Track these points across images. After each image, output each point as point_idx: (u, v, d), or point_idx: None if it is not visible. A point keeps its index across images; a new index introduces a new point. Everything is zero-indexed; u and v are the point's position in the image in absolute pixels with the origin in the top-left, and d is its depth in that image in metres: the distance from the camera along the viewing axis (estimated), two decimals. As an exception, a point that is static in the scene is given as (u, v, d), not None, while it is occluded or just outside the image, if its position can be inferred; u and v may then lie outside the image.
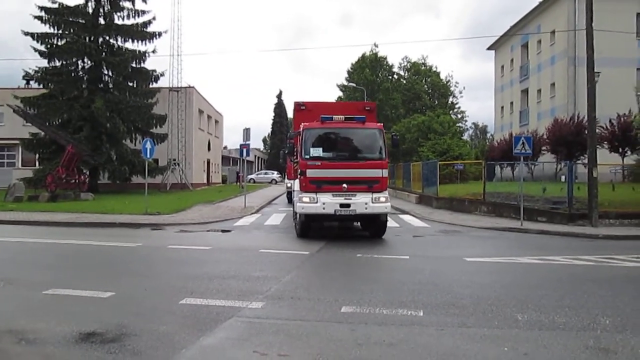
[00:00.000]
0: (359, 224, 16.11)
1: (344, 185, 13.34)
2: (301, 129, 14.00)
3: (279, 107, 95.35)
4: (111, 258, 11.37)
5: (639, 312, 6.78)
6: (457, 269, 10.10)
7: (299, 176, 14.04)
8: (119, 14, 35.25)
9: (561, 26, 34.45)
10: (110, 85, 35.72)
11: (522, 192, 17.92)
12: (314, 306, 6.95)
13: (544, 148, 32.10)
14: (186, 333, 5.71)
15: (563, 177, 21.88)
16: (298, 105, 16.33)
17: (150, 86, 36.84)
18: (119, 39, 35.46)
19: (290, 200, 27.92)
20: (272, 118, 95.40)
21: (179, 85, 42.36)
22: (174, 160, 41.29)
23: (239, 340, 5.61)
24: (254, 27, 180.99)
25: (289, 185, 27.39)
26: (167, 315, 6.46)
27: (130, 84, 36.05)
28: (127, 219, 18.42)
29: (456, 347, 5.38)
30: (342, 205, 13.34)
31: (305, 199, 13.45)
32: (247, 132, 26.61)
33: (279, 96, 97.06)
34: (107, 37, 35.19)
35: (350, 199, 13.37)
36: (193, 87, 44.91)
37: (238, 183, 46.52)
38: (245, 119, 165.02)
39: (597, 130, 20.92)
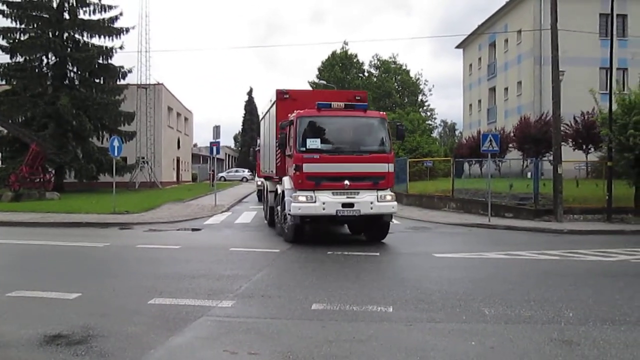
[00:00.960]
0: (346, 226, 14.88)
1: (346, 182, 11.89)
2: (294, 118, 12.26)
3: (250, 104, 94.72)
4: (78, 258, 11.13)
5: (601, 305, 6.97)
6: (426, 265, 10.23)
7: (293, 172, 12.16)
8: (84, 9, 34.53)
9: (527, 26, 35.12)
10: (76, 82, 35.02)
11: (489, 188, 18.23)
12: (285, 304, 6.95)
13: (511, 145, 32.72)
14: (155, 333, 5.65)
15: (529, 174, 22.36)
16: (281, 94, 14.17)
17: (118, 83, 36.21)
18: (85, 34, 34.83)
19: (260, 198, 27.09)
20: (243, 115, 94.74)
21: (148, 82, 41.79)
22: (143, 158, 40.71)
23: (208, 340, 5.57)
24: (224, 24, 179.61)
25: (259, 183, 26.71)
26: (135, 315, 6.37)
27: (97, 81, 35.39)
28: (95, 218, 18.08)
29: (425, 342, 5.46)
30: (344, 205, 11.83)
31: (302, 198, 11.79)
32: (217, 130, 26.42)
33: (250, 93, 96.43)
34: (72, 33, 34.48)
35: (354, 198, 11.91)
36: (162, 84, 44.35)
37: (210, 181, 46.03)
38: (216, 116, 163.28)
39: (562, 128, 21.41)
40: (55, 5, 33.81)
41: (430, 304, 6.90)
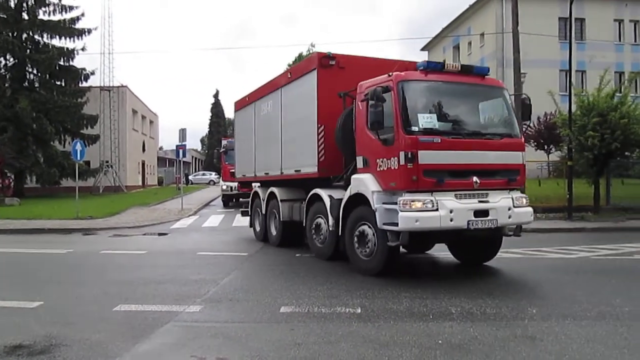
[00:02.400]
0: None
1: (475, 178, 8.26)
2: (390, 83, 8.29)
3: (216, 107, 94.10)
4: (39, 266, 10.81)
5: (563, 301, 7.15)
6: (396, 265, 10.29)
7: (398, 163, 8.06)
8: (44, 9, 33.80)
9: (490, 29, 35.90)
10: (36, 84, 34.15)
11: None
12: (253, 307, 6.91)
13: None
14: (120, 341, 5.54)
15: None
16: (325, 59, 10.10)
17: (80, 85, 35.49)
18: (45, 35, 34.05)
19: (226, 204, 26.29)
20: (210, 118, 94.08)
21: (111, 85, 41.01)
22: (107, 162, 39.94)
23: (175, 346, 5.49)
24: (192, 25, 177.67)
25: (224, 187, 26.21)
26: (100, 323, 6.23)
27: (58, 83, 34.65)
28: (57, 224, 17.63)
29: (393, 341, 5.50)
30: (477, 213, 8.15)
31: (418, 204, 7.88)
32: (183, 133, 26.13)
33: (216, 96, 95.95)
34: (32, 34, 33.64)
35: (488, 202, 8.35)
36: (126, 86, 43.61)
37: (177, 185, 45.41)
38: (182, 119, 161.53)
39: (524, 129, 21.91)
40: (13, 5, 32.90)
41: (398, 304, 6.97)
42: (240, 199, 22.95)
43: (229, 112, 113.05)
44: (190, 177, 64.77)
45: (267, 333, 5.81)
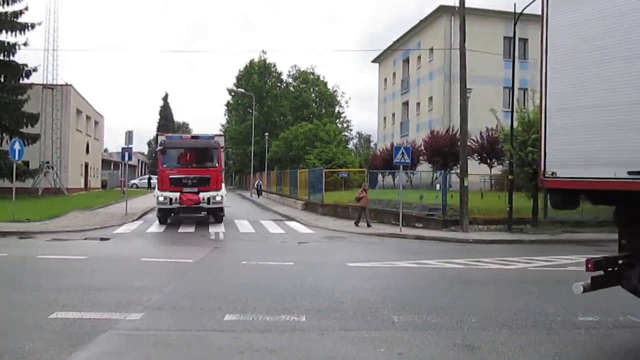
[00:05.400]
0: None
1: None
2: None
3: (165, 110, 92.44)
4: (-30, 270, 10.30)
5: (501, 310, 7.41)
6: (339, 273, 10.40)
7: None
8: (-16, 1, 32.24)
9: (439, 44, 36.89)
10: (-27, 79, 32.51)
11: (401, 199, 18.87)
12: (197, 315, 6.82)
13: (421, 158, 34.09)
14: (56, 350, 5.35)
15: (438, 186, 23.39)
16: None
17: (21, 82, 34.01)
18: (-16, 28, 32.42)
19: (163, 220, 19.53)
20: (158, 121, 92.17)
21: (55, 82, 39.50)
22: (47, 162, 38.38)
23: (114, 355, 5.35)
24: (144, 24, 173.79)
25: (161, 198, 18.72)
26: (34, 331, 6.00)
27: (-3, 79, 33.04)
28: (-9, 226, 16.81)
29: (336, 350, 5.56)
30: None
31: None
32: (129, 135, 25.52)
33: (165, 98, 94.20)
34: (-30, 26, 32.02)
35: None
36: (70, 85, 42.10)
37: (122, 188, 44.20)
38: (129, 121, 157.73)
39: (468, 143, 22.63)
40: (-50, -4, 31.33)
41: (342, 313, 7.04)
42: (182, 214, 19.99)
43: (178, 116, 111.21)
44: (135, 181, 63.18)
45: (210, 341, 5.75)
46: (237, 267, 11.07)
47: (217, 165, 19.54)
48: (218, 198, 19.17)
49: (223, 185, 20.08)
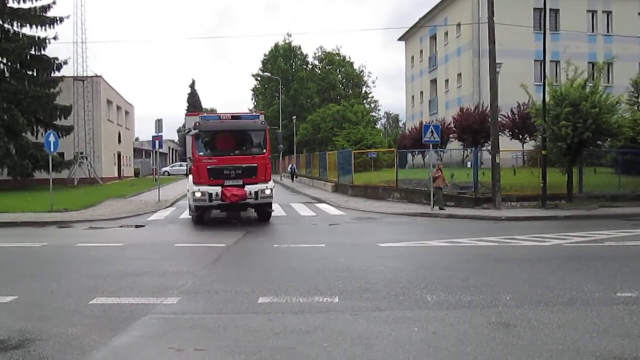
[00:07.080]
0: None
1: None
2: None
3: (193, 97, 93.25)
4: (13, 260, 10.64)
5: (536, 288, 7.31)
6: (371, 254, 10.40)
7: None
8: (13, -4, 32.81)
9: (466, 19, 36.11)
10: (7, 74, 33.24)
11: (432, 178, 18.68)
12: (231, 298, 6.92)
13: (451, 136, 33.68)
14: (97, 334, 5.51)
15: (469, 164, 23.10)
16: None
17: (53, 75, 34.68)
18: (15, 23, 33.07)
19: (200, 219, 15.83)
20: (186, 108, 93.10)
21: (85, 74, 40.18)
22: (82, 153, 39.24)
23: (153, 338, 5.49)
24: (170, 12, 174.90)
25: (198, 194, 14.99)
26: (76, 316, 6.18)
27: (30, 73, 33.73)
28: (30, 217, 17.32)
29: (370, 330, 5.57)
30: None
31: None
32: (159, 123, 25.83)
33: (192, 86, 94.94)
34: (1, 22, 32.68)
35: None
36: (100, 76, 42.77)
37: (154, 176, 44.91)
38: (159, 110, 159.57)
39: (499, 119, 22.20)
40: (-19, -7, 31.97)
41: (375, 293, 7.05)
42: (222, 211, 16.89)
43: (206, 102, 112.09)
44: (166, 169, 64.07)
45: (245, 324, 5.84)
46: (269, 250, 11.17)
47: (264, 151, 15.73)
48: (268, 192, 15.41)
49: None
